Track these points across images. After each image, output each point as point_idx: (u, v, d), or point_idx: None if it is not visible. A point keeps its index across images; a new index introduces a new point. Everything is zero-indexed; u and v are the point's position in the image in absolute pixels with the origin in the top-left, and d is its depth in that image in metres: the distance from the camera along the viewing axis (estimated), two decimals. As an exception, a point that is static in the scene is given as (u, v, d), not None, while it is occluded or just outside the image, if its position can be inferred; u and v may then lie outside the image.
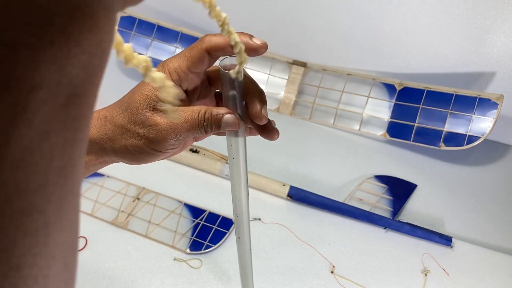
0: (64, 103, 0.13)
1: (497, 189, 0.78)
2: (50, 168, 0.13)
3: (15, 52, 0.11)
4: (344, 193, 0.75)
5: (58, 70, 0.12)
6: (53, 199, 0.14)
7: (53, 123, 0.13)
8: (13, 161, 0.12)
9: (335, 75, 0.90)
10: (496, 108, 0.74)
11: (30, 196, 0.13)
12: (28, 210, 0.13)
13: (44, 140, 0.13)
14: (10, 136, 0.12)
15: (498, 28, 0.76)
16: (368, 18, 0.85)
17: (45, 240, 0.14)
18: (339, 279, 0.61)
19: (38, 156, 0.13)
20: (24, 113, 0.12)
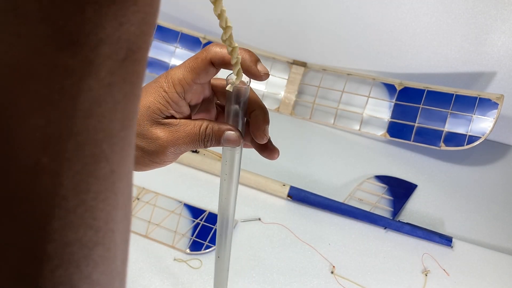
0: (123, 59, 0.14)
1: (497, 189, 0.78)
2: (113, 119, 0.14)
3: (83, 10, 0.12)
4: (344, 193, 0.75)
5: (118, 27, 0.13)
6: (117, 149, 0.15)
7: (115, 77, 0.14)
8: (83, 111, 0.13)
9: (335, 75, 0.90)
10: (496, 108, 0.74)
11: (99, 145, 0.14)
12: (97, 157, 0.14)
13: (108, 93, 0.14)
14: (81, 87, 0.13)
15: (498, 28, 0.76)
16: (368, 18, 0.85)
17: (112, 187, 0.15)
18: (339, 279, 0.61)
19: (104, 108, 0.14)
20: (92, 66, 0.13)
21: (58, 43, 0.12)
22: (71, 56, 0.12)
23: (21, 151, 0.13)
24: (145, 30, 0.14)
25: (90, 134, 0.14)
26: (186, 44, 0.94)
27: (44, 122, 0.13)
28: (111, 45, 0.13)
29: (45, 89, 0.12)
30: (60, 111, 0.13)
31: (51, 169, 0.13)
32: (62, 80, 0.13)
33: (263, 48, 0.95)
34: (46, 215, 0.13)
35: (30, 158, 0.13)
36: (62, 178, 0.13)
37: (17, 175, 0.13)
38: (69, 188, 0.14)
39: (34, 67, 0.12)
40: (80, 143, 0.14)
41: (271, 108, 0.92)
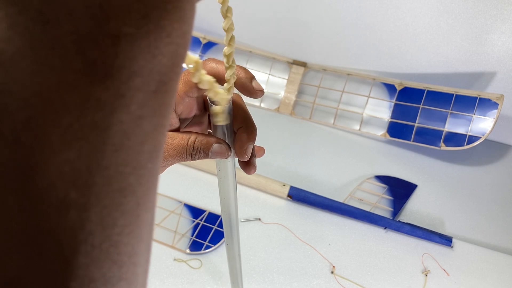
0: (154, 91, 0.14)
1: (497, 189, 0.78)
2: (142, 152, 0.14)
3: (117, 42, 0.12)
4: (344, 193, 0.75)
5: (151, 59, 0.13)
6: (143, 182, 0.15)
7: (145, 109, 0.14)
8: (113, 144, 0.13)
9: (335, 75, 0.90)
10: (496, 108, 0.74)
11: (126, 178, 0.14)
12: (124, 191, 0.14)
13: (138, 125, 0.14)
14: (112, 120, 0.13)
15: (498, 28, 0.76)
16: (368, 18, 0.85)
17: (136, 220, 0.15)
18: (339, 279, 0.61)
19: (133, 141, 0.14)
20: (123, 99, 0.13)
21: (92, 76, 0.12)
22: (103, 89, 0.12)
23: (49, 185, 0.13)
24: (176, 61, 0.14)
25: (118, 167, 0.14)
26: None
27: (74, 156, 0.13)
28: (143, 77, 0.13)
29: (76, 122, 0.12)
30: (90, 145, 0.13)
31: (79, 203, 0.13)
32: (93, 114, 0.12)
33: (263, 48, 0.95)
34: (73, 251, 0.13)
35: (59, 192, 0.13)
36: (90, 213, 0.13)
37: (45, 209, 0.13)
38: (96, 223, 0.14)
39: (67, 101, 0.12)
40: (109, 177, 0.14)
41: (271, 108, 0.92)
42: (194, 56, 0.24)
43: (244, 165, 0.34)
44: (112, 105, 0.13)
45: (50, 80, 0.12)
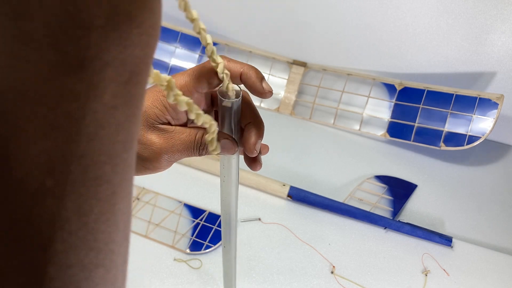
0: (126, 81, 0.14)
1: (497, 189, 0.78)
2: (116, 141, 0.15)
3: (89, 33, 0.12)
4: (344, 193, 0.75)
5: (123, 50, 0.13)
6: (118, 171, 0.15)
7: (118, 100, 0.14)
8: (88, 134, 0.14)
9: (335, 75, 0.90)
10: (496, 108, 0.74)
11: (101, 167, 0.14)
12: (100, 180, 0.15)
13: (111, 116, 0.14)
14: (86, 111, 0.13)
15: (498, 28, 0.76)
16: (368, 18, 0.85)
17: (113, 209, 0.15)
18: (339, 279, 0.61)
19: (107, 130, 0.14)
20: (96, 90, 0.13)
21: (65, 68, 0.12)
22: (77, 80, 0.13)
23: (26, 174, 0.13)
24: (147, 52, 0.15)
25: (93, 156, 0.14)
26: (186, 44, 0.94)
27: (50, 145, 0.13)
28: (116, 68, 0.14)
29: (51, 113, 0.13)
30: (66, 135, 0.13)
31: (55, 191, 0.13)
32: (68, 104, 0.13)
33: (263, 48, 0.95)
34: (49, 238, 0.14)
35: (35, 181, 0.13)
36: (66, 201, 0.14)
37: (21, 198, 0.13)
38: (72, 211, 0.14)
39: (42, 93, 0.12)
40: (84, 165, 0.14)
41: (271, 108, 0.92)
42: (166, 76, 0.24)
43: (251, 161, 0.35)
44: (86, 96, 0.13)
45: (24, 73, 0.12)
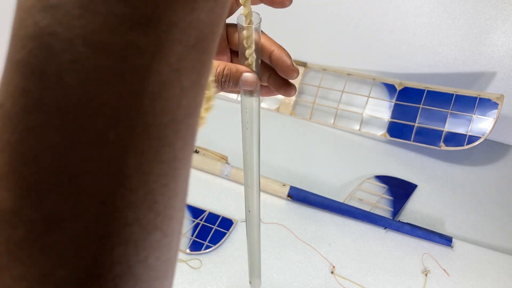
0: (192, 46, 0.14)
1: (497, 189, 0.78)
2: (180, 105, 0.14)
3: None
4: (344, 193, 0.75)
5: (189, 12, 0.14)
6: (180, 136, 0.15)
7: (184, 63, 0.14)
8: (152, 93, 0.13)
9: (335, 75, 0.90)
10: (496, 108, 0.74)
11: (164, 129, 0.14)
12: (162, 141, 0.14)
13: (176, 78, 0.14)
14: (151, 68, 0.13)
15: (498, 28, 0.76)
16: (368, 17, 0.85)
17: (173, 173, 0.15)
18: (339, 279, 0.61)
19: (171, 92, 0.14)
20: (162, 50, 0.13)
21: (133, 22, 0.13)
22: (144, 36, 0.13)
23: (90, 125, 0.13)
24: (213, 19, 0.15)
25: (156, 116, 0.14)
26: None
27: (114, 97, 0.13)
28: (182, 30, 0.14)
29: (117, 66, 0.13)
30: (130, 89, 0.13)
31: (117, 146, 0.13)
32: (134, 59, 0.13)
33: (263, 48, 0.95)
34: (109, 193, 0.13)
35: (98, 132, 0.13)
36: (128, 157, 0.13)
37: (84, 148, 0.13)
38: (133, 168, 0.14)
39: (108, 44, 0.12)
40: (147, 124, 0.14)
41: (271, 108, 0.92)
42: None
43: (286, 87, 0.34)
44: (152, 54, 0.13)
45: (92, 24, 0.12)
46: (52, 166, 0.12)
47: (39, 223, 0.13)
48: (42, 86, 0.12)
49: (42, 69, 0.12)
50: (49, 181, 0.12)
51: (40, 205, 0.12)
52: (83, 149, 0.13)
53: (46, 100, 0.12)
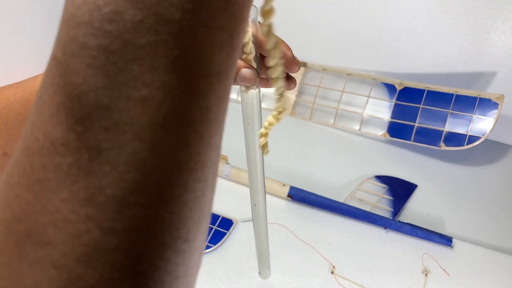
0: (223, 7, 0.15)
1: (497, 189, 0.77)
2: (212, 61, 0.16)
3: None
4: (344, 193, 0.75)
5: None
6: (213, 90, 0.16)
7: (215, 22, 0.15)
8: (184, 49, 0.15)
9: (335, 75, 0.90)
10: (496, 108, 0.74)
11: (197, 79, 0.15)
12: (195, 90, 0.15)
13: (208, 35, 0.15)
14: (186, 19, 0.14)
15: (498, 27, 0.76)
16: (369, 17, 0.85)
17: (205, 123, 0.16)
18: (339, 279, 0.61)
19: (203, 47, 0.15)
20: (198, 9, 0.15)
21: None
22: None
23: (127, 66, 0.14)
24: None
25: (189, 67, 0.15)
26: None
27: (148, 44, 0.14)
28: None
29: (151, 17, 0.14)
30: (164, 39, 0.14)
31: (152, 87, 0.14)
32: (168, 13, 0.14)
33: (263, 48, 0.95)
34: (143, 127, 0.14)
35: (135, 73, 0.14)
36: (161, 97, 0.15)
37: (121, 87, 0.14)
38: (168, 107, 0.15)
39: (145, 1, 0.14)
40: (178, 71, 0.15)
41: (271, 108, 0.92)
42: None
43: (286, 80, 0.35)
44: (182, 7, 0.14)
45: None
46: (94, 102, 0.14)
47: (84, 152, 0.14)
48: (87, 33, 0.14)
49: (87, 19, 0.14)
50: (92, 116, 0.14)
51: (84, 136, 0.14)
52: (121, 88, 0.14)
53: (89, 45, 0.14)
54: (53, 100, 0.15)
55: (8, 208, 0.15)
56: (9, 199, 0.15)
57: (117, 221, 0.14)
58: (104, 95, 0.14)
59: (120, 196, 0.14)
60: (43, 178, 0.14)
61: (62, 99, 0.14)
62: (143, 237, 0.15)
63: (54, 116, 0.14)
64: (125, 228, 0.14)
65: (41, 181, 0.14)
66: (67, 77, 0.14)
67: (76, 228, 0.14)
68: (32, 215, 0.14)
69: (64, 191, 0.14)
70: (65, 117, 0.14)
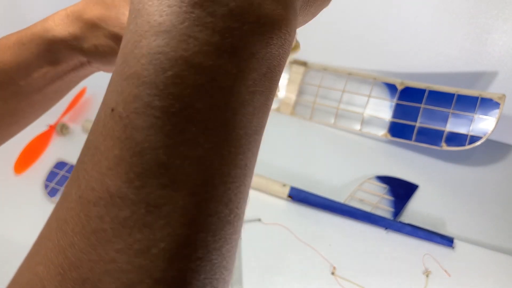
0: (264, 73, 0.17)
1: (499, 189, 0.77)
2: (251, 122, 0.18)
3: (242, 27, 0.16)
4: (345, 193, 0.75)
5: (264, 46, 0.17)
6: (251, 148, 0.18)
7: (257, 87, 0.17)
8: (233, 108, 0.16)
9: (335, 75, 0.89)
10: (498, 108, 0.73)
11: (239, 139, 0.17)
12: (238, 149, 0.17)
13: (251, 99, 0.17)
14: (233, 89, 0.16)
15: (500, 27, 0.76)
16: (369, 17, 0.85)
17: (243, 178, 0.18)
18: (340, 280, 0.61)
19: (246, 110, 0.17)
20: (243, 74, 0.17)
21: (223, 50, 0.16)
22: (229, 62, 0.16)
23: (186, 128, 0.15)
24: (281, 53, 0.18)
25: (235, 128, 0.16)
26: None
27: (205, 108, 0.16)
28: (258, 60, 0.17)
29: (208, 83, 0.16)
30: (217, 103, 0.16)
31: (205, 148, 0.16)
32: (221, 79, 0.16)
33: (264, 47, 0.95)
34: (198, 185, 0.16)
35: (192, 135, 0.15)
36: (213, 158, 0.16)
37: (180, 147, 0.15)
38: (216, 168, 0.16)
39: (203, 65, 0.15)
40: (228, 133, 0.16)
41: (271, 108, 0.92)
42: None
43: None
44: (234, 77, 0.16)
45: (192, 48, 0.15)
46: (153, 159, 0.15)
47: (141, 206, 0.15)
48: (151, 94, 0.15)
49: (152, 80, 0.15)
50: (150, 172, 0.15)
51: (142, 191, 0.15)
52: (179, 148, 0.15)
53: (153, 105, 0.15)
54: (112, 153, 0.15)
55: (62, 254, 0.15)
56: (63, 246, 0.15)
57: (168, 272, 0.15)
58: (163, 153, 0.15)
59: (172, 249, 0.15)
60: (99, 229, 0.15)
61: (122, 154, 0.15)
62: (189, 286, 0.15)
63: (112, 169, 0.15)
64: (175, 278, 0.15)
65: (97, 231, 0.15)
66: (129, 133, 0.15)
67: (130, 278, 0.15)
68: (87, 264, 0.15)
69: (120, 242, 0.15)
70: (124, 171, 0.15)
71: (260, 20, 0.16)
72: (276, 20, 0.17)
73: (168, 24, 0.15)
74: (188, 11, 0.15)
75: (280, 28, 0.17)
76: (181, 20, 0.15)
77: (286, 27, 0.18)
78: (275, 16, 0.17)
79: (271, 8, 0.17)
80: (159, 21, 0.15)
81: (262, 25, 0.16)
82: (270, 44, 0.17)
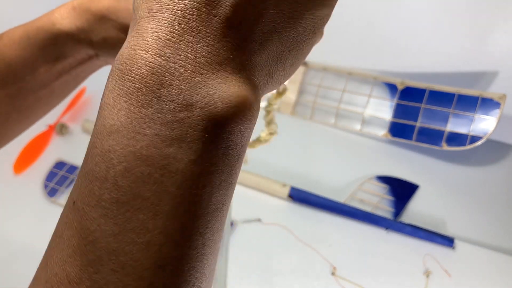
0: (222, 154, 0.17)
1: (499, 189, 0.77)
2: (210, 201, 0.18)
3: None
4: (345, 193, 0.75)
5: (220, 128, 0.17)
6: (210, 227, 0.18)
7: (214, 167, 0.17)
8: (185, 191, 0.17)
9: (336, 74, 0.89)
10: (498, 108, 0.73)
11: (196, 220, 0.17)
12: (193, 231, 0.17)
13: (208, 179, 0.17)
14: (185, 172, 0.16)
15: (500, 27, 0.75)
16: (370, 16, 0.85)
17: (201, 258, 0.18)
18: (340, 280, 0.61)
19: (203, 190, 0.17)
20: (194, 156, 0.17)
21: (171, 140, 0.16)
22: (179, 148, 0.16)
23: (135, 216, 0.16)
24: (242, 129, 0.18)
25: (189, 211, 0.17)
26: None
27: (154, 196, 0.16)
28: (212, 143, 0.17)
29: (158, 172, 0.16)
30: (167, 189, 0.16)
31: (154, 233, 0.16)
32: (171, 166, 0.16)
33: (264, 47, 0.95)
34: (146, 269, 0.16)
35: (141, 222, 0.16)
36: (163, 243, 0.16)
37: (129, 234, 0.16)
38: (166, 252, 0.16)
39: (152, 156, 0.16)
40: (180, 216, 0.16)
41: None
42: None
43: None
44: (185, 161, 0.16)
45: (141, 142, 0.16)
46: (105, 247, 0.16)
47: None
48: (102, 188, 0.16)
49: (102, 175, 0.16)
50: (102, 259, 0.16)
51: (95, 277, 0.16)
52: (128, 235, 0.16)
53: (103, 197, 0.16)
54: (72, 242, 0.17)
55: None
56: None
57: None
58: (113, 241, 0.16)
59: None
60: None
61: (79, 242, 0.16)
62: None
63: (71, 257, 0.16)
64: None
65: None
66: (84, 224, 0.16)
67: None
68: None
69: None
70: (80, 259, 0.16)
71: (209, 109, 0.16)
72: (229, 106, 0.17)
73: (118, 125, 0.16)
74: (136, 111, 0.16)
75: (236, 112, 0.17)
76: (129, 121, 0.16)
77: (243, 109, 0.17)
78: (227, 104, 0.17)
79: (224, 96, 0.17)
80: (110, 124, 0.16)
81: (212, 114, 0.16)
82: (224, 126, 0.17)
